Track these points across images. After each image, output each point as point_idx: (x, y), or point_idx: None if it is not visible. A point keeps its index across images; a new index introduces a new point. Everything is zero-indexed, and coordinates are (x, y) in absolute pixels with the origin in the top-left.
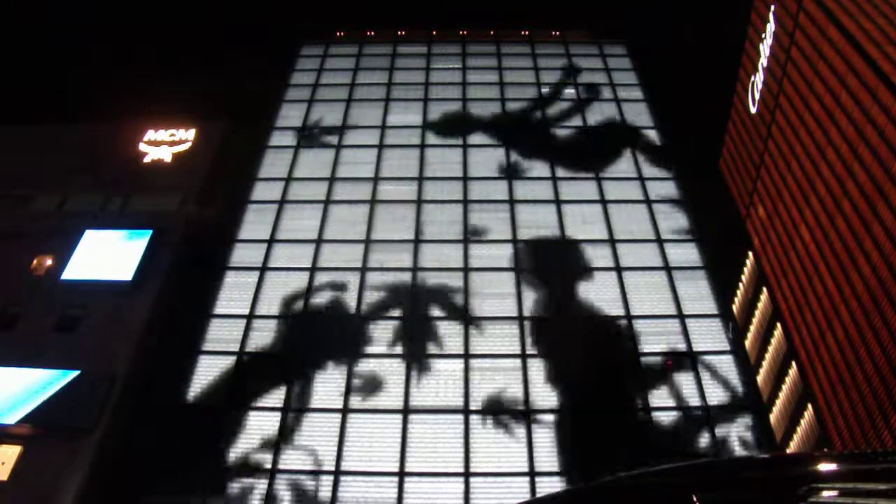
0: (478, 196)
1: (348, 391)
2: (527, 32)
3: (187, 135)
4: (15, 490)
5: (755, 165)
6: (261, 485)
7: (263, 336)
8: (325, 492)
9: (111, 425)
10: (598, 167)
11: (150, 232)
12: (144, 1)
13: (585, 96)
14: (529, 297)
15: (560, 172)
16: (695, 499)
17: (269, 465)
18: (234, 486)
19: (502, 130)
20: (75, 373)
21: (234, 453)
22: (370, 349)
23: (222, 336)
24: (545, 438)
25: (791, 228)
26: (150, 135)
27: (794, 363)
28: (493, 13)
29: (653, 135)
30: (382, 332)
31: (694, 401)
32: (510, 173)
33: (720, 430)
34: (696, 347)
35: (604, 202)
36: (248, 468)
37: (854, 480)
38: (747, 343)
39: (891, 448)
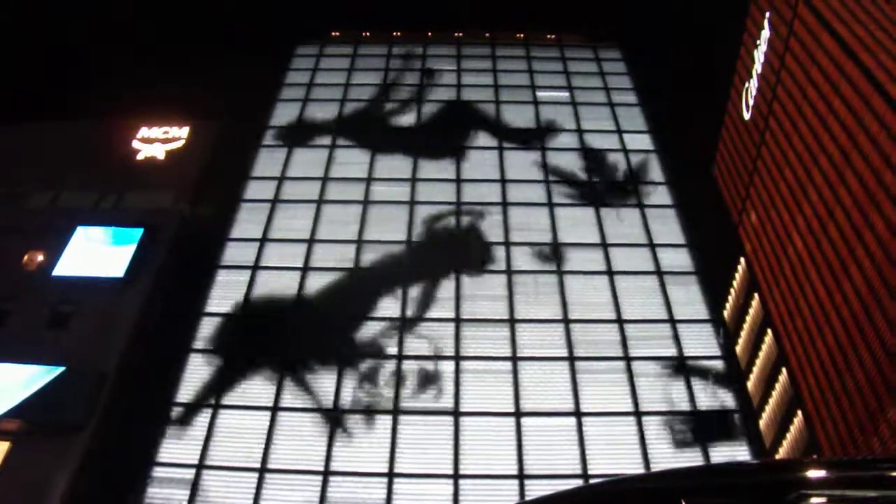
0: (471, 198)
1: (338, 392)
2: (522, 35)
3: (181, 132)
4: (4, 486)
5: (748, 171)
6: (250, 482)
7: (251, 333)
8: (313, 492)
9: (101, 422)
10: (592, 173)
11: (142, 229)
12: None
13: (426, 82)
14: (521, 300)
15: (553, 176)
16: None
17: (258, 465)
18: (221, 485)
19: (496, 132)
20: (60, 369)
21: (223, 452)
22: (362, 349)
23: (214, 334)
24: (535, 441)
25: (783, 235)
26: (144, 132)
27: (784, 369)
28: (489, 15)
29: (646, 139)
30: (373, 333)
31: (683, 405)
32: (504, 176)
33: (709, 435)
34: (687, 352)
35: (596, 206)
36: (235, 468)
37: (843, 487)
38: (738, 348)
39: (880, 455)
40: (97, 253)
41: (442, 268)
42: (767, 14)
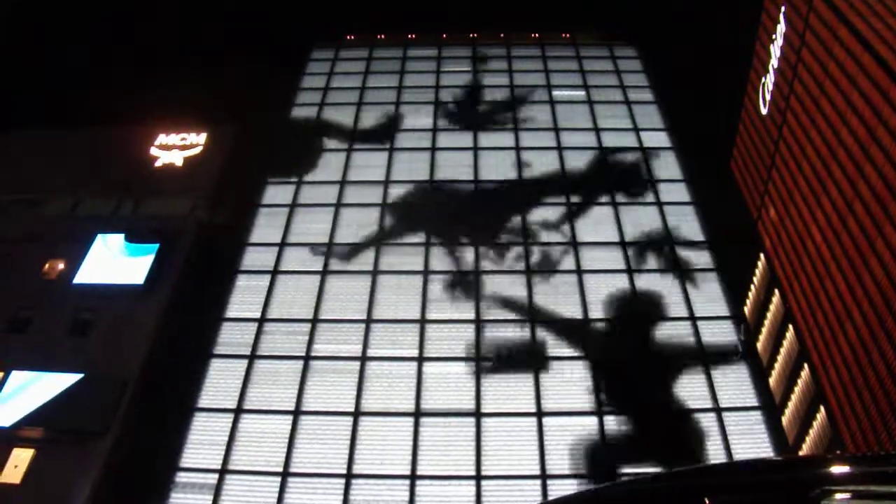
0: (489, 198)
1: (360, 394)
2: (537, 35)
3: (198, 139)
4: (27, 493)
5: (766, 167)
6: (273, 486)
7: (275, 339)
8: (336, 495)
9: (123, 428)
10: (609, 168)
11: (161, 235)
12: (154, 4)
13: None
14: (541, 299)
15: (571, 174)
16: (707, 501)
17: (280, 469)
18: (244, 489)
19: (513, 133)
20: (78, 376)
21: (245, 456)
22: (382, 352)
23: (234, 339)
24: (557, 441)
25: (803, 230)
26: (162, 139)
27: (806, 365)
28: (503, 16)
29: (663, 137)
30: (392, 335)
31: (706, 403)
32: (521, 175)
33: (732, 433)
34: (709, 349)
35: (615, 204)
36: (258, 472)
37: (867, 483)
38: (759, 345)
39: None
40: (117, 260)
41: None
42: (783, 8)
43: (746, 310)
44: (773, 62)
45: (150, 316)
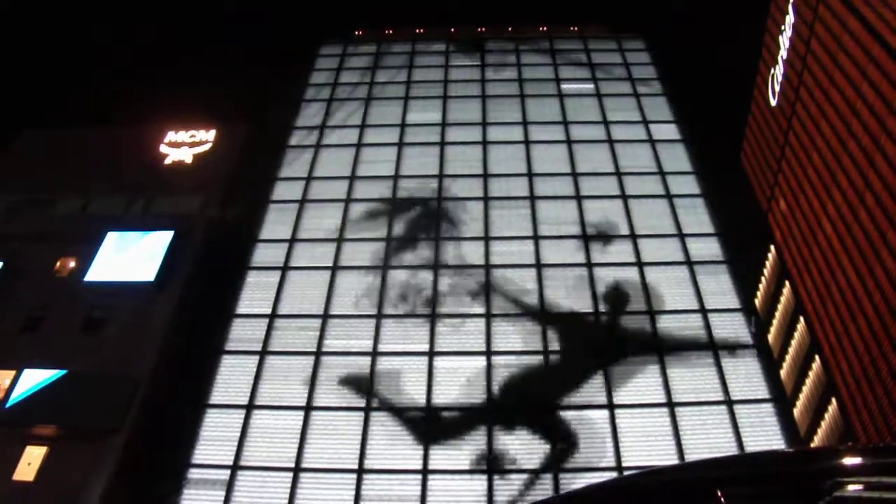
0: (498, 193)
1: (371, 389)
2: (545, 28)
3: (208, 136)
4: (41, 490)
5: (776, 158)
6: (284, 482)
7: (285, 335)
8: (348, 490)
9: (135, 425)
10: (618, 162)
11: (171, 233)
12: (163, 3)
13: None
14: (551, 293)
15: (580, 168)
16: (719, 494)
17: (292, 464)
18: (256, 485)
19: (522, 127)
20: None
21: (257, 452)
22: (390, 346)
23: (245, 336)
24: (567, 433)
25: (813, 221)
26: (171, 136)
27: (817, 357)
28: (511, 10)
29: (672, 129)
30: (404, 329)
31: (716, 395)
32: (531, 170)
33: (743, 425)
34: (719, 342)
35: (625, 197)
36: (270, 467)
37: (879, 474)
38: (770, 337)
39: None
40: (128, 257)
41: None
42: None
43: (757, 302)
44: (783, 53)
45: (162, 313)
